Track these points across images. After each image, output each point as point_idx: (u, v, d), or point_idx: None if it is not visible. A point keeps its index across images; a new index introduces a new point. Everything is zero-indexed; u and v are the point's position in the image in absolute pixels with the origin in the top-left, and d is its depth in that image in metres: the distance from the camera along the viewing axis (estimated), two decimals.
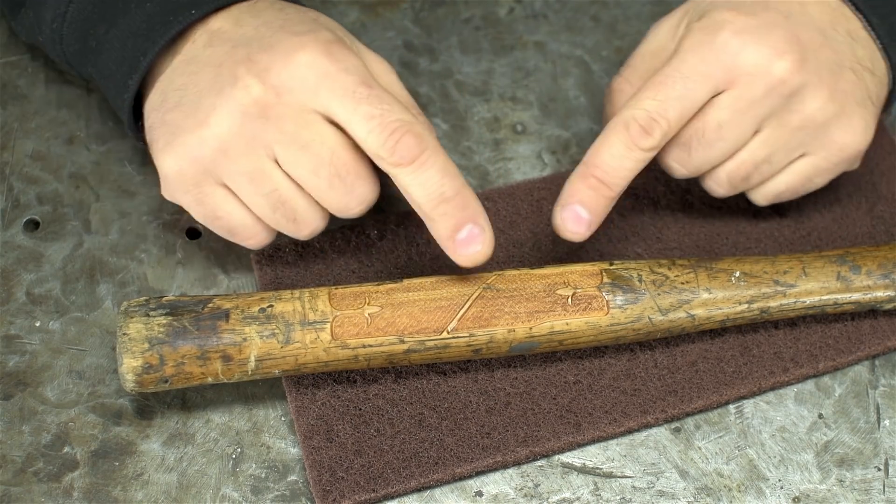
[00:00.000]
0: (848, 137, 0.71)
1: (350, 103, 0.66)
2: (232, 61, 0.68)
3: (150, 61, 0.69)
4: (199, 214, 0.70)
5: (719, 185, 0.73)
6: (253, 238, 0.71)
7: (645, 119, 0.69)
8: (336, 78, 0.66)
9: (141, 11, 0.70)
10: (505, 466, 0.70)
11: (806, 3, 0.71)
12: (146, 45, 0.69)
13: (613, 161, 0.69)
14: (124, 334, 0.67)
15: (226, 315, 0.68)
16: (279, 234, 0.73)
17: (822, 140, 0.71)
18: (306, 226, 0.70)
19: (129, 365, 0.67)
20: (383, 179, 0.70)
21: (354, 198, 0.68)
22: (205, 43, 0.69)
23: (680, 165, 0.72)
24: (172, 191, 0.70)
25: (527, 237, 0.78)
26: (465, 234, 0.67)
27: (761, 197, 0.74)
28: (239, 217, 0.70)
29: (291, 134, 0.67)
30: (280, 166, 0.68)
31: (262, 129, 0.67)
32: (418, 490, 0.70)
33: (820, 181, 0.73)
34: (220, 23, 0.70)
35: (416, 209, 0.68)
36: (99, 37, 0.72)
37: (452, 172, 0.67)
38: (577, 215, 0.70)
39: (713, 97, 0.70)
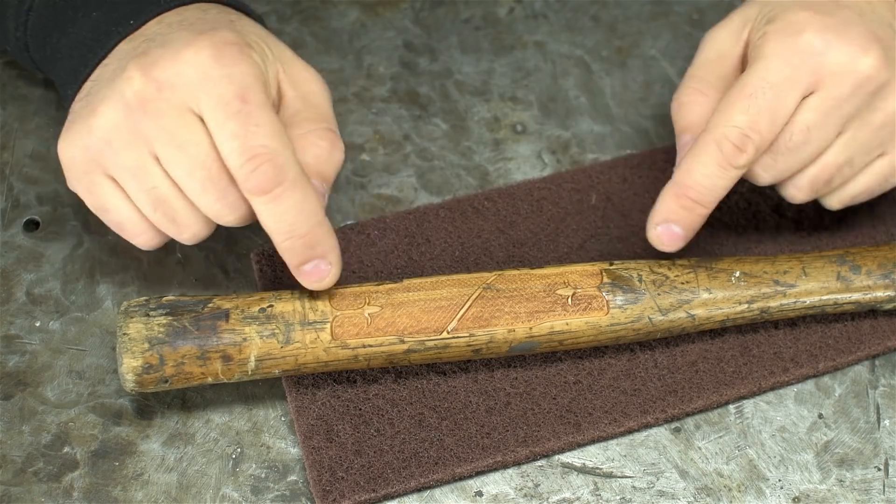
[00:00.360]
0: None
1: (220, 114, 0.64)
2: (131, 55, 0.67)
3: (88, 72, 0.69)
4: (90, 204, 0.69)
5: (800, 191, 0.72)
6: (140, 236, 0.69)
7: (738, 137, 0.68)
8: (215, 83, 0.65)
9: (87, 21, 0.70)
10: (505, 466, 0.70)
11: (872, 2, 0.71)
12: (88, 55, 0.70)
13: (707, 182, 0.69)
14: (124, 334, 0.67)
15: (226, 315, 0.68)
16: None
17: None
18: (186, 228, 0.68)
19: (129, 365, 0.67)
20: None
21: (227, 205, 0.66)
22: (128, 40, 0.69)
23: (765, 172, 0.71)
24: (70, 179, 0.69)
25: (527, 237, 0.78)
26: (310, 267, 0.67)
27: (837, 201, 0.73)
28: (125, 212, 0.69)
29: (169, 131, 0.65)
30: (161, 164, 0.67)
31: (142, 124, 0.65)
32: (418, 490, 0.70)
33: (894, 181, 0.73)
34: (149, 23, 0.69)
35: (268, 234, 0.67)
36: (53, 45, 0.72)
37: (308, 209, 0.65)
38: (672, 233, 0.70)
39: (801, 101, 0.69)
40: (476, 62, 0.86)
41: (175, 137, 0.65)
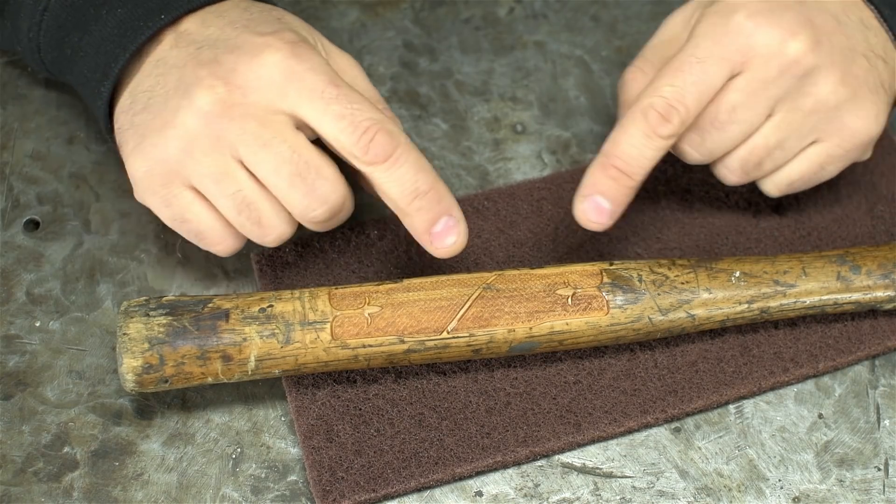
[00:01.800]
0: (860, 123, 0.71)
1: (319, 103, 0.66)
2: (196, 63, 0.67)
3: (121, 67, 0.69)
4: (167, 217, 0.70)
5: (731, 172, 0.73)
6: (221, 244, 0.70)
7: (663, 106, 0.69)
8: (304, 78, 0.66)
9: (112, 17, 0.70)
10: (505, 466, 0.70)
11: None
12: (118, 51, 0.69)
13: (633, 150, 0.69)
14: (124, 334, 0.67)
15: (226, 315, 0.68)
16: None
17: (835, 125, 0.71)
18: (272, 230, 0.69)
19: (129, 365, 0.67)
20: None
21: (317, 198, 0.67)
22: (171, 45, 0.69)
23: (693, 150, 0.71)
24: (142, 193, 0.69)
25: (527, 237, 0.78)
26: (440, 226, 0.68)
27: (773, 186, 0.74)
28: (206, 220, 0.69)
29: (253, 132, 0.66)
30: (245, 167, 0.67)
31: (225, 129, 0.66)
32: (418, 490, 0.70)
33: (832, 169, 0.73)
34: (187, 24, 0.70)
35: (392, 205, 0.68)
36: (73, 44, 0.72)
37: (426, 167, 0.67)
38: (598, 206, 0.70)
39: (728, 80, 0.70)
40: (476, 62, 0.86)
41: (259, 137, 0.66)
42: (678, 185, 0.80)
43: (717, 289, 0.72)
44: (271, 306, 0.69)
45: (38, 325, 0.74)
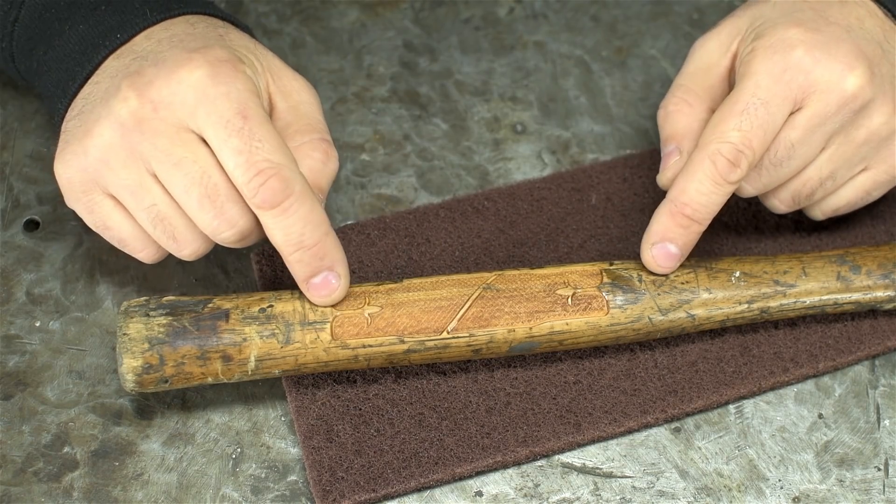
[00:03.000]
0: None
1: (222, 132, 0.65)
2: (123, 74, 0.67)
3: (78, 86, 0.69)
4: (90, 223, 0.70)
5: (782, 203, 0.73)
6: (143, 251, 0.70)
7: (731, 152, 0.68)
8: (214, 102, 0.65)
9: (74, 34, 0.70)
10: (505, 466, 0.70)
11: (861, 17, 0.71)
12: (76, 68, 0.70)
13: (702, 198, 0.69)
14: (124, 334, 0.67)
15: (226, 315, 0.68)
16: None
17: (883, 153, 0.71)
18: (186, 245, 0.68)
19: (129, 365, 0.67)
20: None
21: (225, 221, 0.66)
22: (115, 56, 0.69)
23: (749, 186, 0.71)
24: (67, 199, 0.69)
25: (527, 237, 0.78)
26: (318, 280, 0.67)
27: (820, 212, 0.75)
28: (127, 229, 0.69)
29: (165, 150, 0.65)
30: (159, 182, 0.67)
31: (138, 143, 0.66)
32: (418, 490, 0.70)
33: (877, 194, 0.74)
34: (138, 38, 0.69)
35: (277, 248, 0.67)
36: (39, 58, 0.72)
37: (316, 220, 0.66)
38: (668, 252, 0.70)
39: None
40: (476, 62, 0.86)
41: (172, 156, 0.65)
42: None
43: (717, 289, 0.72)
44: (271, 306, 0.69)
45: (38, 325, 0.74)
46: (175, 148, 0.65)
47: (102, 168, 0.67)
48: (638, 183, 0.80)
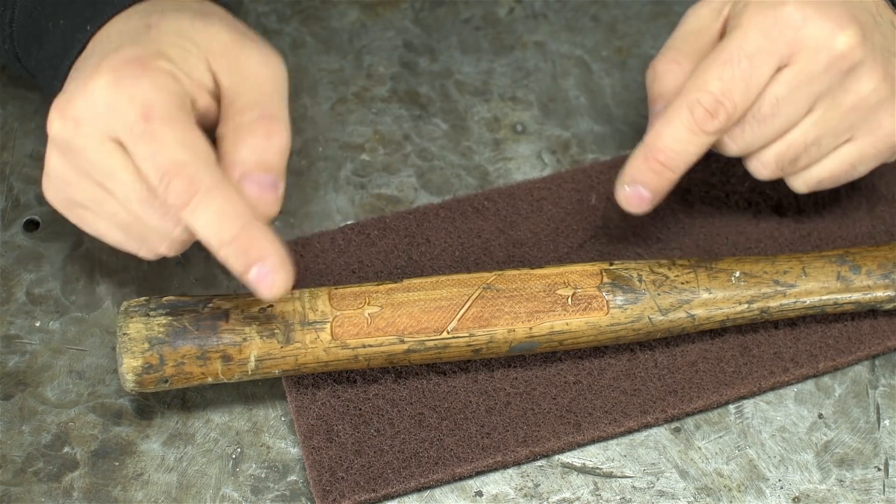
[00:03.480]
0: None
1: (130, 138, 0.64)
2: (61, 90, 0.67)
3: (60, 85, 0.69)
4: (88, 232, 0.69)
5: (765, 167, 0.72)
6: (140, 250, 0.69)
7: (710, 102, 0.68)
8: (118, 109, 0.64)
9: (57, 31, 0.70)
10: (505, 466, 0.70)
11: None
12: (60, 66, 0.69)
13: (677, 146, 0.69)
14: (124, 334, 0.67)
15: (226, 315, 0.68)
16: (279, 234, 0.73)
17: (871, 124, 0.70)
18: (158, 244, 0.68)
19: (129, 365, 0.67)
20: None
21: (169, 220, 0.65)
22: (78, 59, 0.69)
23: (732, 142, 0.71)
24: (65, 216, 0.69)
25: (527, 237, 0.78)
26: (253, 274, 0.64)
27: (802, 183, 0.73)
28: (114, 235, 0.69)
29: (96, 164, 0.65)
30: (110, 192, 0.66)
31: (75, 161, 0.65)
32: (418, 490, 0.70)
33: (863, 169, 0.73)
34: (89, 44, 0.69)
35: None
36: (35, 56, 0.72)
37: (231, 214, 0.63)
38: (639, 195, 0.70)
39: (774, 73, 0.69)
40: (476, 62, 0.86)
41: (103, 168, 0.65)
42: (678, 184, 0.79)
43: (717, 289, 0.72)
44: (271, 306, 0.69)
45: (38, 325, 0.74)
46: (103, 161, 0.65)
47: (65, 187, 0.67)
48: None
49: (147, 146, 0.63)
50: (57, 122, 0.65)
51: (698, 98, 0.68)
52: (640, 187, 0.70)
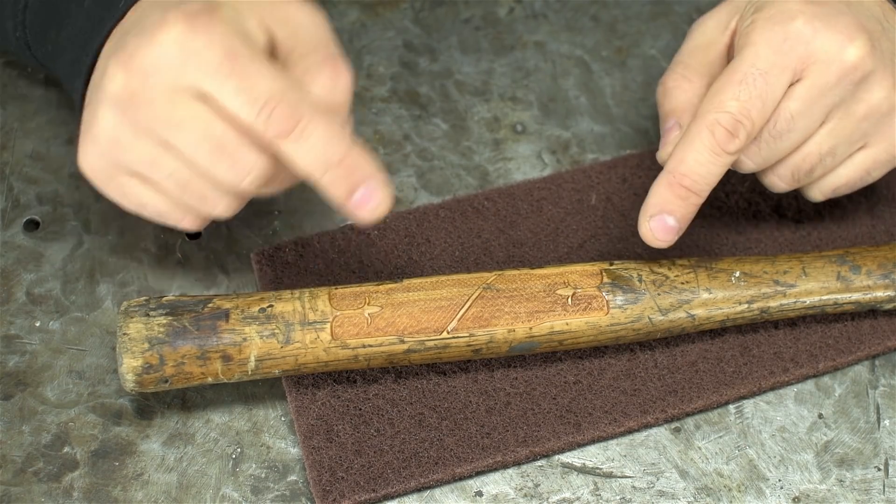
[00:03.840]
0: None
1: (216, 79, 0.64)
2: (112, 51, 0.67)
3: (90, 62, 0.69)
4: (127, 205, 0.69)
5: (782, 180, 0.72)
6: (183, 220, 0.69)
7: (730, 122, 0.68)
8: (199, 54, 0.64)
9: (81, 11, 0.70)
10: (505, 466, 0.70)
11: None
12: (87, 45, 0.69)
13: (701, 168, 0.68)
14: (124, 334, 0.67)
15: (226, 315, 0.68)
16: (278, 234, 0.73)
17: (884, 131, 0.71)
18: (218, 203, 0.67)
19: (129, 365, 0.67)
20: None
21: (242, 169, 0.65)
22: (112, 35, 0.68)
23: (749, 160, 0.71)
24: (99, 187, 0.69)
25: (527, 237, 0.78)
26: (359, 195, 0.65)
27: (818, 192, 0.74)
28: (161, 203, 0.68)
29: (165, 115, 0.65)
30: (170, 148, 0.66)
31: (138, 117, 0.65)
32: (418, 490, 0.70)
33: (876, 174, 0.73)
34: (129, 11, 0.68)
35: (306, 177, 0.66)
36: (52, 40, 0.72)
37: (337, 136, 0.64)
38: (666, 225, 0.69)
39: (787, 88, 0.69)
40: (476, 62, 0.86)
41: (172, 119, 0.65)
42: None
43: (717, 289, 0.72)
44: (271, 306, 0.69)
45: (38, 325, 0.74)
46: (174, 111, 0.65)
47: (116, 150, 0.66)
48: (638, 183, 0.80)
49: (240, 81, 0.63)
50: (120, 76, 0.65)
51: (717, 119, 0.68)
52: (666, 217, 0.69)
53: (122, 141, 0.66)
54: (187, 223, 0.69)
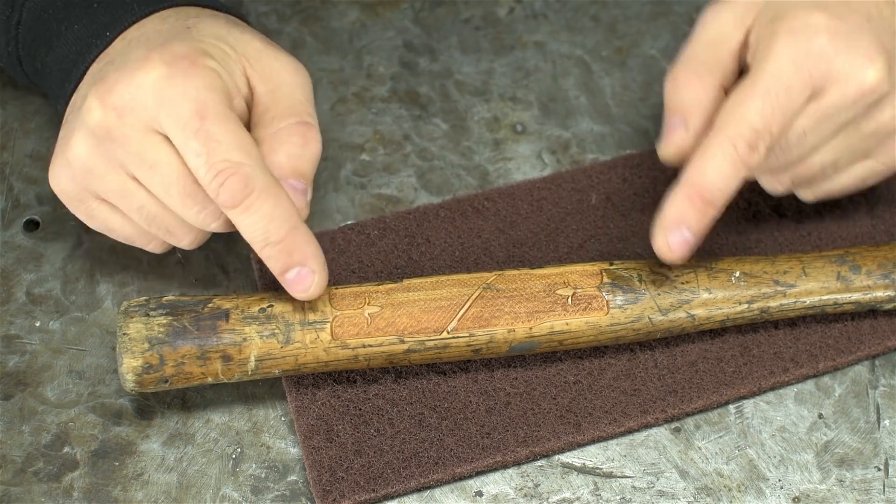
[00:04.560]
0: None
1: (181, 134, 0.65)
2: (92, 81, 0.67)
3: (73, 89, 0.69)
4: (94, 227, 0.70)
5: (781, 185, 0.73)
6: (150, 245, 0.71)
7: (752, 136, 0.67)
8: (171, 103, 0.65)
9: (70, 34, 0.70)
10: (505, 466, 0.70)
11: (879, 5, 0.70)
12: (73, 69, 0.70)
13: (721, 182, 0.67)
14: (124, 334, 0.67)
15: (226, 315, 0.68)
16: None
17: (887, 146, 0.71)
18: (183, 237, 0.69)
19: (129, 365, 0.67)
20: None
21: (209, 214, 0.67)
22: (99, 59, 0.69)
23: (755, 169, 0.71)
24: (68, 207, 0.70)
25: (527, 237, 0.78)
26: (292, 275, 0.67)
27: (812, 195, 0.74)
28: (128, 229, 0.70)
29: (137, 155, 0.66)
30: (142, 184, 0.67)
31: (112, 151, 0.66)
32: (418, 490, 0.70)
33: (871, 182, 0.73)
34: (117, 40, 0.69)
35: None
36: (42, 59, 0.72)
37: (281, 216, 0.65)
38: (683, 239, 0.68)
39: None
40: (476, 62, 0.86)
41: (145, 160, 0.66)
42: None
43: (717, 289, 0.72)
44: (271, 306, 0.69)
45: (38, 325, 0.74)
46: (146, 152, 0.65)
47: (88, 177, 0.67)
48: (638, 183, 0.80)
49: (202, 144, 0.64)
50: (98, 110, 0.65)
51: (740, 132, 0.67)
52: (684, 230, 0.68)
53: (94, 171, 0.67)
54: (153, 247, 0.71)
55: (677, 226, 0.68)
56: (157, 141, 0.65)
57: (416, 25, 0.87)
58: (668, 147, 0.71)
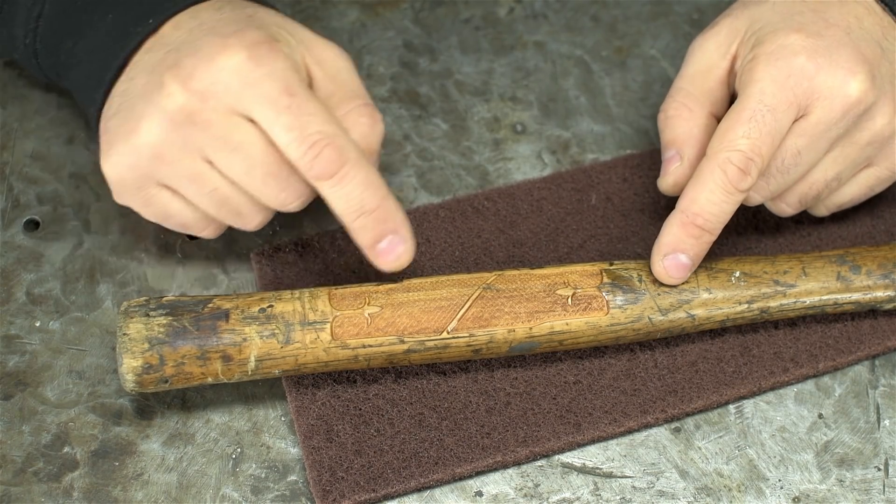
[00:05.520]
0: None
1: (271, 112, 0.66)
2: (162, 67, 0.67)
3: (113, 74, 0.69)
4: (149, 215, 0.70)
5: (790, 206, 0.74)
6: (206, 230, 0.71)
7: (741, 160, 0.68)
8: (258, 84, 0.66)
9: (103, 24, 0.70)
10: (505, 466, 0.70)
11: (860, 16, 0.71)
12: (109, 58, 0.70)
13: (714, 208, 0.69)
14: (124, 334, 0.67)
15: (226, 315, 0.68)
16: (278, 234, 0.73)
17: (886, 152, 0.72)
18: (252, 219, 0.70)
19: (129, 365, 0.67)
20: None
21: (291, 193, 0.68)
22: (147, 49, 0.69)
23: (757, 194, 0.72)
24: (120, 195, 0.70)
25: (527, 237, 0.78)
26: (385, 244, 0.68)
27: (825, 209, 0.75)
28: (189, 214, 0.70)
29: (220, 138, 0.66)
30: (216, 167, 0.68)
31: (191, 135, 0.66)
32: (418, 490, 0.70)
33: (879, 189, 0.75)
34: (164, 28, 0.69)
35: (338, 218, 0.68)
36: (67, 50, 0.72)
37: (374, 184, 0.67)
38: (679, 263, 0.70)
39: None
40: (476, 62, 0.86)
41: (228, 142, 0.66)
42: None
43: (717, 289, 0.72)
44: (271, 306, 0.69)
45: (38, 325, 0.74)
46: (230, 134, 0.66)
47: (156, 163, 0.67)
48: (638, 183, 0.80)
49: (294, 118, 0.65)
50: (180, 94, 0.66)
51: (729, 157, 0.68)
52: (680, 255, 0.70)
53: (166, 156, 0.67)
54: (208, 233, 0.72)
55: (673, 251, 0.70)
56: (239, 122, 0.66)
57: (416, 25, 0.87)
58: (667, 179, 0.73)
